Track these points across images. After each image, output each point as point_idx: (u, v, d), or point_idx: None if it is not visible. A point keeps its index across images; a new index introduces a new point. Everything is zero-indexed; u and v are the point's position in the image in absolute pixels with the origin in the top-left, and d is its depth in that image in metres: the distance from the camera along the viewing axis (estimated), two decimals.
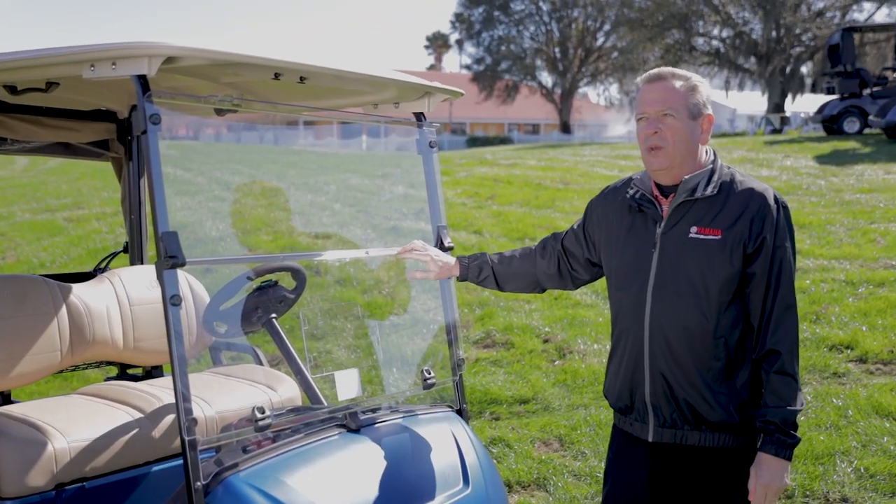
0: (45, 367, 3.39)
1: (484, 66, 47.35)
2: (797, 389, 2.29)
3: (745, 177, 2.40)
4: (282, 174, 16.58)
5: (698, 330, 2.33)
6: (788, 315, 2.30)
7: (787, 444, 2.28)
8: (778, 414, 2.27)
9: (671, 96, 2.34)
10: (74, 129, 3.79)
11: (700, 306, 2.33)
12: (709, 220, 2.33)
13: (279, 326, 3.23)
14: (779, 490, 2.31)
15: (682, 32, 38.11)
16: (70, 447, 2.85)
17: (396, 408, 2.88)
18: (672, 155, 2.35)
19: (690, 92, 2.35)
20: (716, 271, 2.31)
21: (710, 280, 2.31)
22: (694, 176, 2.36)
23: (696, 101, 2.35)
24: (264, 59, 2.34)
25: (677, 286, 2.35)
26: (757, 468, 2.31)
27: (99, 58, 2.24)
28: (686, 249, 2.34)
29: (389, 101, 3.20)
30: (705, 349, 2.34)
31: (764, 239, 2.29)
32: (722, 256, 2.30)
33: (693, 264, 2.33)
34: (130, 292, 3.75)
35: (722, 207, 2.33)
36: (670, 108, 2.33)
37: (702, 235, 2.33)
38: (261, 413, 2.40)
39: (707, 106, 2.38)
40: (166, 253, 2.20)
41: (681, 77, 2.38)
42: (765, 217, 2.30)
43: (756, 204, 2.31)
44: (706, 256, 2.32)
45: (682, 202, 2.37)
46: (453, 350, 3.09)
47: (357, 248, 9.54)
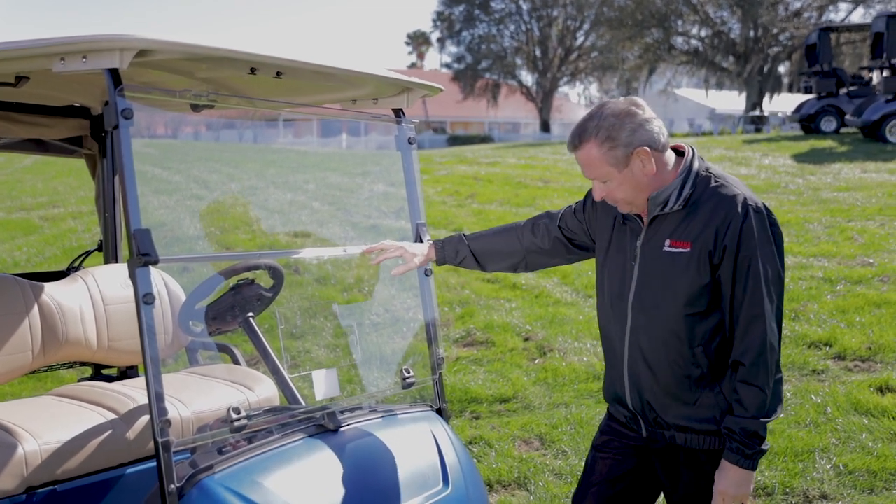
0: (15, 369, 3.32)
1: (465, 65, 47.33)
2: (764, 400, 2.25)
3: (721, 181, 2.33)
4: (261, 172, 16.47)
5: (673, 341, 2.34)
6: (755, 324, 2.25)
7: (747, 453, 2.25)
8: (738, 423, 2.26)
9: (594, 165, 2.32)
10: (46, 126, 3.72)
11: (674, 318, 2.33)
12: (680, 233, 2.32)
13: (256, 325, 3.18)
14: (736, 498, 2.29)
15: (661, 31, 38.29)
16: (41, 449, 2.78)
17: (375, 407, 2.85)
18: (629, 201, 2.36)
19: (608, 148, 2.28)
20: (687, 284, 2.30)
21: (683, 292, 2.31)
22: (663, 190, 2.33)
23: (617, 154, 2.27)
24: (239, 53, 2.29)
25: (654, 299, 2.36)
26: (718, 473, 2.32)
27: (69, 51, 2.18)
28: (661, 263, 2.35)
29: (368, 98, 3.16)
30: (682, 359, 2.34)
31: (726, 248, 2.26)
32: (691, 269, 2.29)
33: (667, 277, 2.33)
34: (104, 291, 3.69)
35: (693, 218, 2.31)
36: (602, 176, 2.33)
37: (674, 249, 2.32)
38: (236, 413, 2.36)
39: (633, 142, 2.26)
40: (139, 251, 2.15)
41: (593, 133, 2.29)
42: (729, 225, 2.25)
43: (722, 212, 2.27)
44: (678, 269, 2.31)
45: (655, 216, 2.37)
46: (433, 349, 3.06)
47: (335, 246, 9.50)
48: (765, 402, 2.25)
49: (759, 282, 2.25)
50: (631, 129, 2.27)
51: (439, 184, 13.88)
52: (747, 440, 2.25)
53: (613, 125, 2.27)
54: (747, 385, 2.25)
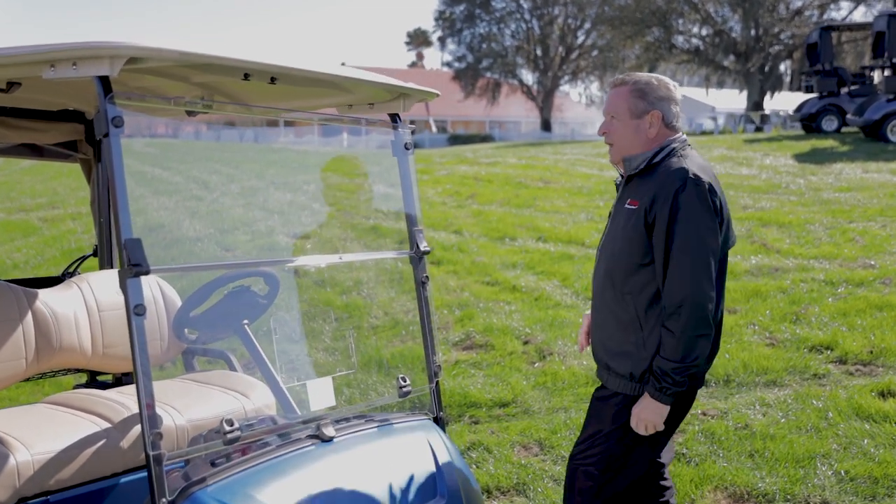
0: (8, 376, 3.29)
1: (465, 64, 47.27)
2: (676, 347, 2.54)
3: (683, 160, 2.65)
4: (261, 173, 16.44)
5: (610, 285, 2.72)
6: (677, 280, 2.54)
7: (657, 387, 2.58)
8: (657, 362, 2.59)
9: (617, 101, 2.73)
10: (41, 130, 3.69)
11: (615, 265, 2.70)
12: (635, 192, 2.68)
13: (251, 333, 3.15)
14: (649, 423, 2.62)
15: (661, 30, 38.21)
16: (34, 460, 2.75)
17: (371, 417, 2.82)
18: (619, 149, 2.75)
19: (636, 94, 2.70)
20: (629, 237, 2.65)
21: (623, 244, 2.67)
22: (636, 156, 2.71)
23: (638, 104, 2.69)
24: (231, 60, 2.26)
25: (611, 249, 2.74)
26: (638, 402, 2.65)
27: (59, 58, 2.16)
28: (620, 218, 2.72)
29: (364, 102, 3.14)
30: (616, 302, 2.70)
31: (657, 211, 2.57)
32: (631, 223, 2.64)
33: (619, 230, 2.70)
34: (99, 297, 3.65)
35: (646, 182, 2.66)
36: (615, 112, 2.73)
37: (629, 206, 2.68)
38: (229, 425, 2.33)
39: (657, 103, 2.69)
40: (130, 260, 2.12)
41: (631, 81, 2.73)
42: (668, 192, 2.56)
43: (665, 180, 2.60)
44: (624, 223, 2.68)
45: (627, 178, 2.76)
46: (430, 356, 3.03)
47: (335, 249, 9.46)
48: (677, 349, 2.54)
49: (687, 243, 2.54)
50: (658, 96, 2.70)
51: (439, 184, 13.84)
52: (661, 377, 2.57)
53: (649, 83, 2.71)
54: (666, 331, 2.57)
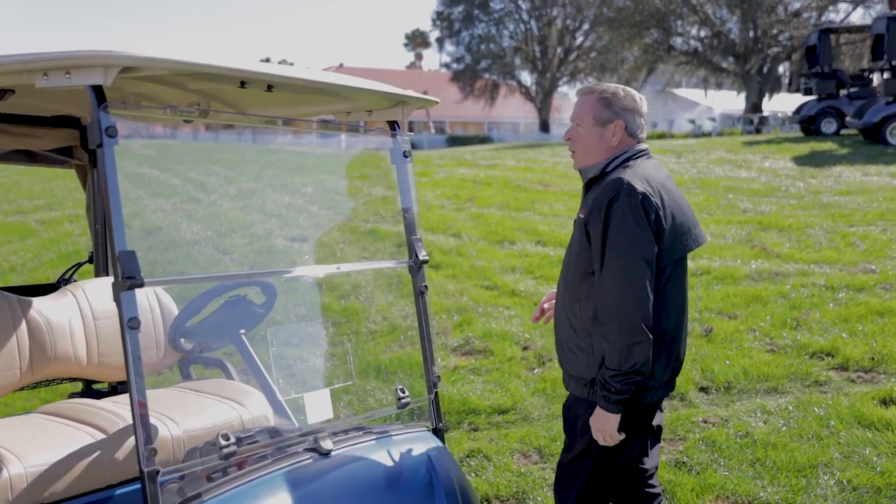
0: (3, 386, 3.26)
1: (464, 65, 47.25)
2: (612, 354, 2.58)
3: (627, 170, 2.69)
4: (259, 175, 16.40)
5: (565, 292, 2.80)
6: (609, 288, 2.58)
7: (602, 395, 2.62)
8: (601, 372, 2.64)
9: (583, 109, 2.78)
10: (35, 136, 3.65)
11: (568, 273, 2.79)
12: (584, 202, 2.78)
13: (247, 342, 3.12)
14: (604, 433, 2.65)
15: (660, 32, 38.20)
16: (27, 472, 2.71)
17: (369, 429, 2.78)
18: (581, 156, 2.81)
19: (602, 103, 2.76)
20: (574, 245, 2.75)
21: (574, 253, 2.75)
22: (593, 165, 2.78)
23: (603, 112, 2.75)
24: (227, 69, 2.22)
25: (566, 258, 2.84)
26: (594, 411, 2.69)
27: (52, 67, 2.12)
28: (575, 228, 2.80)
29: (362, 110, 3.10)
30: (570, 308, 2.78)
31: (590, 220, 2.63)
32: (578, 233, 2.73)
33: (572, 240, 2.80)
34: (94, 306, 3.62)
35: (593, 192, 2.72)
36: (580, 120, 2.79)
37: (580, 215, 2.76)
38: (225, 440, 2.29)
39: (621, 113, 2.75)
40: (124, 273, 2.08)
41: (599, 90, 2.79)
42: (602, 202, 2.60)
43: (603, 190, 2.64)
44: (575, 234, 2.77)
45: (584, 185, 2.84)
46: (429, 367, 3.00)
47: (333, 252, 9.42)
48: (613, 358, 2.58)
49: (615, 253, 2.58)
50: (623, 106, 2.75)
51: (438, 187, 13.81)
52: (604, 386, 2.61)
53: (616, 93, 2.77)
54: (603, 340, 2.62)
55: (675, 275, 2.72)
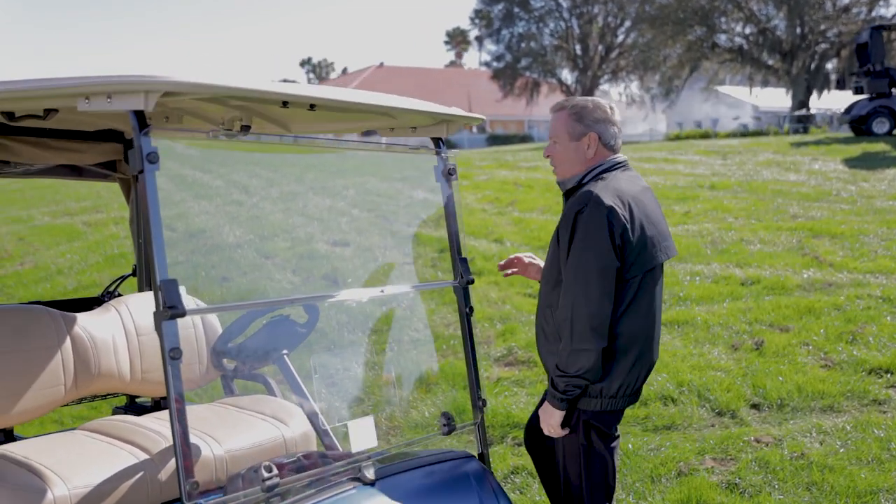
0: (48, 403, 3.25)
1: (504, 64, 47.06)
2: (562, 356, 2.72)
3: (599, 182, 2.79)
4: (301, 177, 16.47)
5: (541, 298, 2.94)
6: (567, 296, 2.71)
7: (550, 392, 2.80)
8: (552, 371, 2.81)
9: (556, 125, 2.89)
10: (79, 151, 3.65)
11: (545, 283, 2.91)
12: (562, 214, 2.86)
13: (290, 363, 3.07)
14: (549, 426, 2.82)
15: (704, 29, 37.60)
16: (71, 494, 2.69)
17: (414, 456, 2.72)
18: (561, 171, 2.92)
19: (573, 117, 2.86)
20: (549, 257, 2.88)
21: (547, 264, 2.89)
22: (571, 178, 2.89)
23: (575, 125, 2.85)
24: (268, 93, 2.18)
25: (544, 268, 2.94)
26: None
27: (94, 91, 2.10)
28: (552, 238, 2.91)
29: (406, 126, 3.04)
30: (542, 314, 2.92)
31: (562, 230, 2.76)
32: (552, 244, 2.86)
33: (548, 251, 2.92)
34: (137, 321, 3.60)
35: (568, 204, 2.83)
36: (556, 136, 2.89)
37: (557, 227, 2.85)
38: (268, 472, 2.24)
39: (594, 125, 2.85)
40: (165, 303, 2.04)
41: (569, 105, 2.89)
42: (570, 214, 2.73)
43: (573, 202, 2.76)
44: (551, 244, 2.89)
45: (563, 197, 2.95)
46: (475, 391, 2.92)
47: (374, 258, 9.39)
48: (562, 360, 2.73)
49: (579, 262, 2.69)
50: (595, 118, 2.85)
51: (479, 190, 13.71)
52: (552, 384, 2.79)
53: (585, 107, 2.86)
54: (563, 340, 2.75)
55: (645, 284, 2.79)
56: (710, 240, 9.26)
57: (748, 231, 9.60)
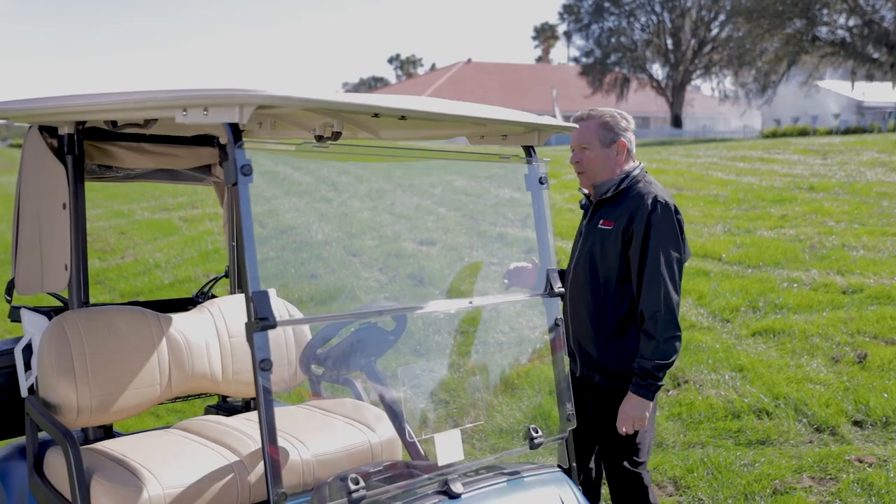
0: (144, 402, 3.35)
1: (593, 59, 46.45)
2: (657, 347, 2.95)
3: (649, 186, 3.12)
4: (389, 174, 16.63)
5: (593, 298, 3.12)
6: (653, 290, 2.97)
7: (642, 385, 2.98)
8: (639, 363, 2.99)
9: (586, 133, 3.15)
10: (177, 156, 3.75)
11: (595, 280, 3.12)
12: (608, 215, 3.13)
13: (377, 370, 3.07)
14: (636, 420, 3.01)
15: (803, 22, 36.19)
16: (164, 493, 2.76)
17: (500, 468, 2.68)
18: (590, 176, 3.19)
19: (603, 126, 3.16)
20: (604, 253, 3.10)
21: (601, 259, 3.11)
22: (604, 182, 3.16)
23: (608, 134, 3.16)
24: (359, 105, 2.17)
25: (584, 264, 3.16)
26: (624, 401, 3.04)
27: (191, 104, 2.15)
28: (595, 237, 3.15)
29: (497, 134, 3.00)
30: (599, 312, 3.11)
31: (634, 230, 3.02)
32: (609, 242, 3.08)
33: (595, 247, 3.14)
34: (229, 323, 3.67)
35: (618, 206, 3.11)
36: (586, 143, 3.17)
37: (603, 227, 3.12)
38: (355, 483, 2.24)
39: (622, 133, 3.17)
40: (256, 314, 2.06)
41: (597, 115, 3.18)
42: (639, 214, 3.02)
43: (636, 203, 3.05)
44: (602, 241, 3.11)
45: (598, 201, 3.20)
46: (564, 403, 2.86)
47: (461, 257, 9.38)
48: (657, 349, 2.95)
49: (659, 257, 2.97)
50: (622, 127, 3.19)
51: (567, 189, 13.55)
52: (643, 377, 2.97)
53: (613, 116, 3.19)
54: (645, 335, 2.98)
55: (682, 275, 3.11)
56: (808, 245, 8.89)
57: (850, 236, 9.17)
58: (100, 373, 3.12)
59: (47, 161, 3.18)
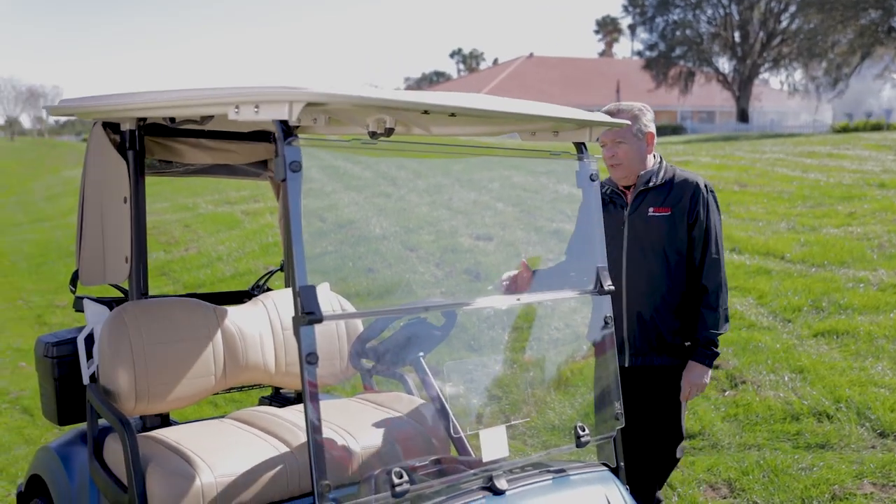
0: (200, 391, 3.43)
1: (657, 52, 45.71)
2: (717, 319, 3.27)
3: (682, 171, 3.40)
4: (446, 169, 16.65)
5: (659, 281, 3.31)
6: (715, 267, 3.29)
7: (707, 355, 3.27)
8: (702, 335, 3.26)
9: (620, 129, 3.22)
10: (234, 151, 3.82)
11: (659, 263, 3.31)
12: (660, 202, 3.33)
13: (426, 365, 3.10)
14: (700, 387, 3.30)
15: (879, 12, 34.96)
16: (217, 481, 2.83)
17: (546, 466, 2.66)
18: (628, 168, 3.38)
19: (634, 120, 3.32)
20: (668, 237, 3.30)
21: (666, 244, 3.30)
22: (646, 173, 3.38)
23: (640, 127, 3.35)
24: (407, 103, 2.19)
25: (644, 250, 3.31)
26: (687, 372, 3.31)
27: (242, 101, 2.19)
28: (647, 224, 3.33)
29: (548, 130, 2.97)
30: (666, 292, 3.32)
31: (698, 213, 3.29)
32: (672, 226, 3.30)
33: (654, 234, 3.32)
34: (283, 316, 3.73)
35: (669, 193, 3.33)
36: (621, 138, 3.34)
37: (657, 213, 3.32)
38: (398, 477, 2.26)
39: (650, 125, 3.38)
40: (303, 308, 2.09)
41: (627, 109, 3.34)
42: (699, 198, 3.30)
43: (688, 188, 3.32)
44: (661, 227, 3.30)
45: (640, 192, 3.38)
46: (612, 402, 2.83)
47: (517, 254, 9.35)
48: (717, 321, 3.27)
49: (714, 238, 3.31)
50: (649, 119, 3.40)
51: None
52: (707, 346, 3.27)
53: (641, 110, 3.37)
54: (708, 308, 3.26)
55: None
56: (877, 243, 8.60)
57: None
58: (157, 362, 3.20)
59: (110, 156, 3.27)
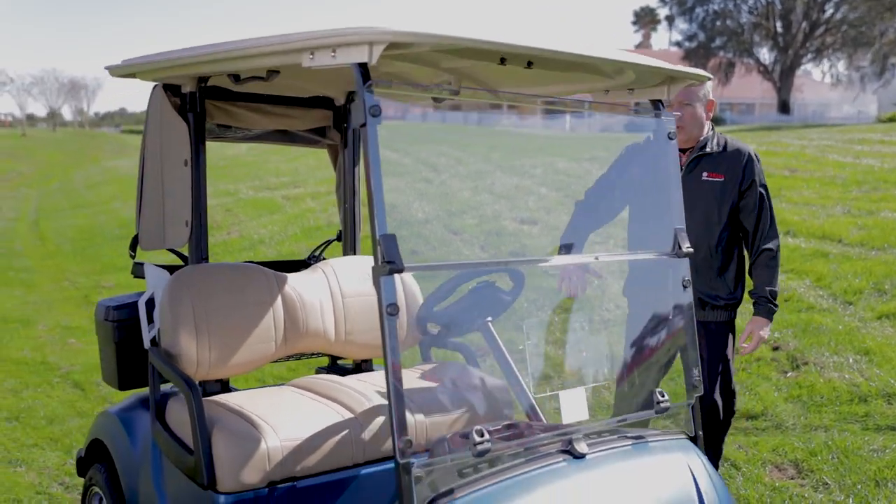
0: (260, 358, 3.37)
1: (696, 43, 45.07)
2: (775, 275, 3.49)
3: (733, 140, 3.59)
4: (486, 156, 16.54)
5: (704, 243, 3.47)
6: (773, 228, 3.51)
7: (770, 308, 3.48)
8: (766, 290, 3.46)
9: (688, 92, 3.45)
10: (293, 117, 3.76)
11: (707, 226, 3.48)
12: (714, 168, 3.51)
13: (494, 331, 3.01)
14: (761, 338, 3.51)
15: None
16: (282, 445, 2.77)
17: (624, 432, 2.57)
18: (689, 132, 3.52)
19: (698, 86, 3.44)
20: (720, 202, 3.48)
21: (716, 208, 3.48)
22: (704, 139, 3.54)
23: (704, 92, 3.51)
24: (491, 43, 2.09)
25: (693, 213, 3.14)
26: (751, 323, 3.51)
27: (318, 45, 2.09)
28: (700, 189, 3.48)
29: (623, 87, 2.86)
30: (708, 254, 3.50)
31: (753, 181, 3.49)
32: (724, 192, 3.48)
33: (705, 197, 3.48)
34: (343, 284, 3.66)
35: (722, 160, 3.52)
36: (688, 100, 3.49)
37: (710, 178, 3.50)
38: (479, 436, 2.18)
39: (709, 94, 3.53)
40: (384, 258, 2.01)
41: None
42: (751, 165, 3.50)
43: (744, 157, 3.52)
44: (714, 192, 3.48)
45: (696, 156, 3.53)
46: (690, 369, 2.73)
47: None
48: (775, 278, 3.50)
49: (768, 200, 3.52)
50: (710, 87, 3.53)
51: None
52: (771, 300, 3.47)
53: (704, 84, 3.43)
54: (769, 267, 3.48)
55: None
56: None
57: None
58: (218, 327, 3.15)
59: (170, 119, 3.22)
